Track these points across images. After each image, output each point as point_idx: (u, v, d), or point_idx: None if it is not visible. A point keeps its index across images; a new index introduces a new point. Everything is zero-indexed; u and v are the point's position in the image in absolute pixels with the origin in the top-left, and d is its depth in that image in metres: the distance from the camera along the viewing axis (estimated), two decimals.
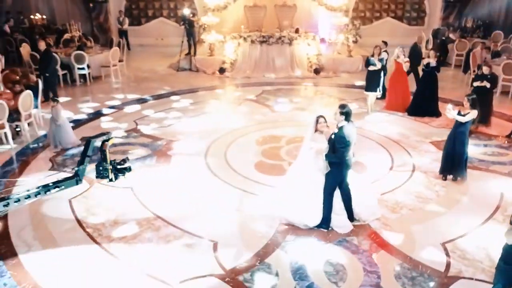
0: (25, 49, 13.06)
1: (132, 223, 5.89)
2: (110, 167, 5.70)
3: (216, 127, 9.34)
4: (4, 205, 4.88)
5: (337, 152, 5.33)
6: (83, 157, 5.54)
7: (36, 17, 16.36)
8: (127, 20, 17.73)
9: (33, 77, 9.65)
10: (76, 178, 5.41)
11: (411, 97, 10.17)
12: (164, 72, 14.48)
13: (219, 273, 4.93)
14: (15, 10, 17.81)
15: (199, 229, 5.72)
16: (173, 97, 11.61)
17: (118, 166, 5.82)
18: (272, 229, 5.73)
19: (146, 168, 7.49)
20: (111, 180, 5.80)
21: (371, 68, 9.65)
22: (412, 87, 10.59)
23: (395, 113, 10.18)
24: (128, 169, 5.91)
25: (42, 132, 9.07)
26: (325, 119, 5.70)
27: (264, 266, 5.05)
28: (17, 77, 9.20)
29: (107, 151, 5.66)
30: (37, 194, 5.22)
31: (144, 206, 6.31)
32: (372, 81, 9.75)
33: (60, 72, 12.40)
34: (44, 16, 16.78)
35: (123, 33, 17.84)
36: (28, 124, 8.89)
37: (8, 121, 8.21)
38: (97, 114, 10.31)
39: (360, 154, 7.79)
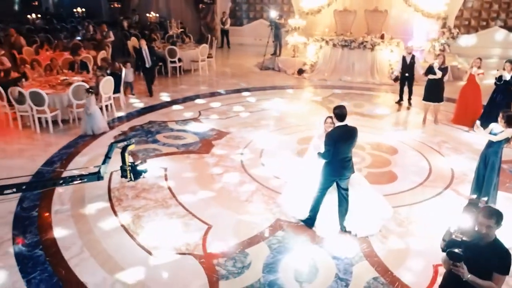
0: (131, 43, 14.56)
1: (150, 198, 6.37)
2: (129, 168, 6.30)
3: (267, 123, 9.48)
4: (28, 189, 5.72)
5: (323, 151, 5.18)
6: (105, 158, 6.21)
7: (150, 15, 18.06)
8: (229, 21, 18.63)
9: (118, 66, 10.77)
10: (98, 174, 6.09)
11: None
12: (248, 69, 14.96)
13: (199, 253, 5.14)
14: (140, 9, 19.92)
15: (203, 212, 5.98)
16: (245, 93, 11.99)
17: (138, 168, 6.41)
18: (267, 222, 5.76)
19: (185, 154, 7.95)
20: (130, 179, 6.40)
21: (430, 76, 8.87)
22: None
23: (460, 127, 9.22)
24: (145, 170, 6.49)
25: (119, 114, 10.16)
26: (332, 119, 5.52)
27: (241, 255, 5.12)
28: (105, 65, 10.39)
29: (126, 155, 6.29)
30: (63, 182, 6.01)
31: (165, 185, 6.76)
32: (431, 90, 8.96)
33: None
34: (157, 15, 18.44)
35: (224, 32, 18.84)
36: (107, 106, 10.00)
37: None
38: (171, 103, 11.13)
39: (397, 164, 7.38)
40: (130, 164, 6.44)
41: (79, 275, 4.78)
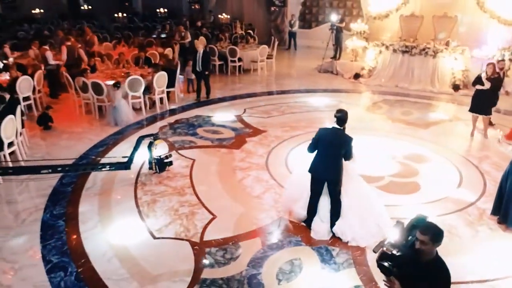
0: (198, 42, 15.14)
1: (170, 185, 6.70)
2: (154, 161, 6.76)
3: (306, 124, 9.38)
4: (60, 171, 6.32)
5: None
6: (134, 150, 6.67)
7: (222, 16, 18.65)
8: (297, 23, 18.62)
9: (175, 63, 11.32)
10: (125, 164, 6.57)
11: None
12: (307, 72, 14.85)
13: (195, 241, 5.32)
14: (216, 10, 20.70)
15: (213, 203, 6.16)
16: (295, 94, 11.96)
17: (165, 160, 6.91)
18: (270, 219, 5.77)
19: (217, 148, 8.19)
20: (156, 171, 6.82)
21: (478, 87, 8.14)
22: None
23: None
24: (169, 163, 6.97)
25: (172, 107, 10.72)
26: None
27: (233, 247, 5.20)
28: (162, 61, 11.02)
29: (152, 149, 6.69)
30: (93, 168, 6.57)
31: (188, 175, 7.04)
32: (478, 101, 8.22)
33: (217, 63, 14.11)
34: (228, 16, 18.98)
35: (292, 35, 18.87)
36: (161, 99, 10.59)
37: (143, 93, 10.02)
38: (222, 99, 11.47)
39: (424, 175, 6.95)
40: (156, 157, 6.86)
41: (85, 246, 5.21)
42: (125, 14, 21.04)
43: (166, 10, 21.19)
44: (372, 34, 14.72)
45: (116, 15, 20.82)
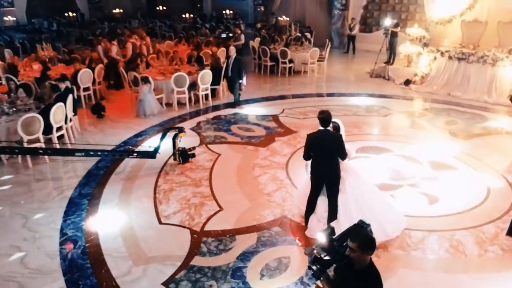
0: (253, 43, 15.36)
1: (190, 177, 6.95)
2: (178, 152, 7.08)
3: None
4: (91, 155, 6.83)
5: None
6: (160, 141, 7.03)
7: (281, 19, 18.69)
8: (357, 27, 18.12)
9: (222, 62, 11.58)
10: (152, 153, 6.99)
11: None
12: (358, 76, 14.42)
13: (195, 230, 5.50)
14: (279, 12, 20.80)
15: (223, 196, 6.30)
16: (339, 97, 11.69)
17: (189, 153, 7.24)
18: (272, 216, 5.79)
19: (245, 145, 8.31)
20: (180, 162, 7.16)
21: None
22: None
23: None
24: (192, 155, 7.27)
25: (215, 103, 11.03)
26: (335, 124, 5.28)
27: (229, 239, 5.31)
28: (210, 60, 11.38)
29: (176, 141, 7.02)
30: (121, 155, 7.02)
31: (209, 168, 7.25)
32: None
33: (268, 63, 14.24)
34: (288, 18, 18.96)
35: (351, 38, 18.40)
36: (206, 95, 10.94)
37: (188, 89, 10.43)
38: (265, 98, 11.55)
39: (448, 187, 6.52)
40: (179, 149, 7.16)
41: (98, 224, 5.62)
42: (192, 15, 21.90)
43: (231, 12, 21.71)
44: (433, 39, 13.90)
45: (184, 15, 21.78)
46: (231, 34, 16.45)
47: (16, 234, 5.41)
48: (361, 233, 2.83)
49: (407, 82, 12.83)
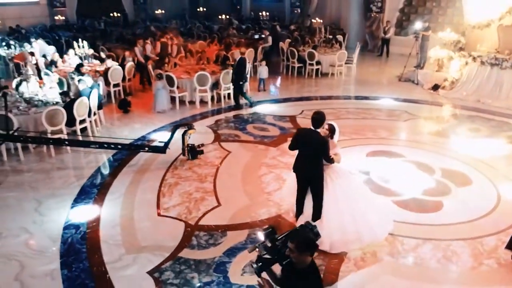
0: (282, 45, 15.27)
1: (196, 172, 7.08)
2: (187, 148, 7.25)
3: (353, 131, 8.99)
4: (105, 147, 7.12)
5: None
6: (170, 137, 7.19)
7: (315, 21, 18.47)
8: (391, 30, 17.62)
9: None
10: (161, 148, 7.21)
11: None
12: (386, 79, 14.01)
13: (191, 223, 5.60)
14: (315, 15, 20.58)
15: (224, 192, 6.38)
16: (362, 100, 11.44)
17: (198, 149, 7.40)
18: (267, 215, 5.79)
19: (256, 144, 8.33)
20: (189, 158, 7.32)
21: None
22: None
23: None
24: (201, 152, 7.42)
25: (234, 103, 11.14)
26: (331, 126, 5.19)
27: (220, 234, 5.37)
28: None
29: (185, 137, 7.18)
30: (134, 148, 7.27)
31: (218, 166, 7.34)
32: None
33: (296, 65, 14.17)
34: (321, 20, 18.70)
35: (385, 41, 17.92)
36: (229, 94, 11.07)
37: (211, 88, 10.61)
38: (287, 99, 11.50)
39: (455, 196, 6.25)
40: (189, 145, 7.31)
41: (102, 212, 5.86)
42: (227, 16, 22.17)
43: (268, 13, 21.76)
44: (469, 44, 13.27)
45: (220, 17, 22.11)
46: (263, 36, 16.49)
47: (27, 217, 5.75)
48: (300, 234, 2.80)
49: (435, 87, 12.33)
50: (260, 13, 22.31)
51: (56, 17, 21.39)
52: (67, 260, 4.87)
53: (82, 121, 8.28)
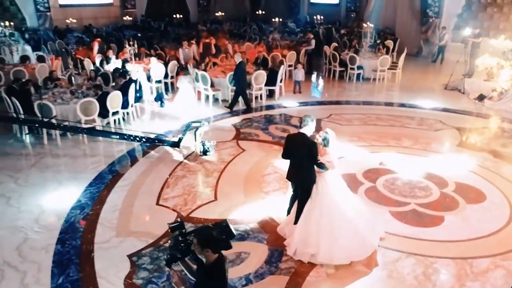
0: (328, 48, 14.95)
1: (205, 167, 7.26)
2: (199, 145, 7.47)
3: (373, 138, 8.61)
4: (124, 138, 7.48)
5: None
6: (184, 132, 7.51)
7: (366, 25, 17.80)
8: (446, 36, 16.52)
9: (278, 64, 11.57)
10: (175, 143, 7.48)
11: None
12: (431, 87, 13.12)
13: (182, 214, 5.77)
14: (370, 19, 19.90)
15: (225, 188, 6.48)
16: (397, 107, 10.89)
17: (209, 146, 7.61)
18: (257, 215, 5.78)
19: (272, 144, 8.31)
20: (200, 154, 7.51)
21: None
22: None
23: None
24: (211, 149, 7.60)
25: (268, 103, 11.16)
26: (324, 133, 5.03)
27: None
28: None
29: (197, 134, 7.34)
30: (151, 142, 7.56)
31: (227, 162, 7.45)
32: None
33: (337, 69, 13.83)
34: (372, 25, 17.96)
35: (440, 48, 16.86)
36: (261, 95, 11.14)
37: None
38: (320, 103, 11.25)
39: (462, 212, 5.82)
40: (200, 141, 7.50)
41: (109, 197, 6.23)
42: (280, 19, 22.15)
43: (322, 17, 21.41)
44: None
45: (273, 19, 22.18)
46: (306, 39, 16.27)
47: (45, 195, 6.30)
48: (203, 231, 2.81)
49: (481, 97, 11.36)
50: (315, 17, 21.99)
51: (124, 18, 22.80)
52: (64, 237, 5.27)
53: (115, 113, 8.82)
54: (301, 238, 4.80)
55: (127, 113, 9.42)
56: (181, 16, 23.93)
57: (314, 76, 11.87)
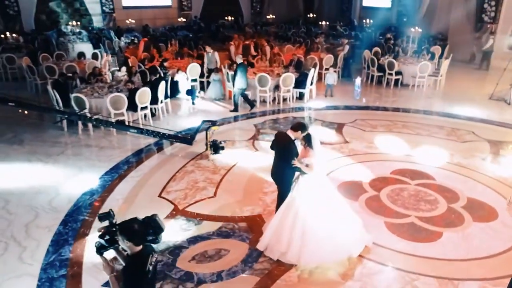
0: (364, 53, 14.37)
1: (215, 164, 7.34)
2: (210, 143, 7.52)
3: (389, 145, 8.19)
4: (141, 133, 7.86)
5: None
6: (196, 131, 7.63)
7: (413, 29, 16.88)
8: (491, 41, 15.28)
9: (308, 67, 11.36)
10: (188, 141, 7.65)
11: None
12: (473, 96, 12.10)
13: (179, 207, 5.90)
14: (422, 23, 18.90)
15: (227, 186, 6.53)
16: (429, 116, 10.23)
17: (220, 145, 7.64)
18: (248, 212, 5.77)
19: None
20: (211, 153, 7.60)
21: None
22: None
23: None
24: (222, 148, 7.61)
25: (295, 105, 11.02)
26: (307, 134, 4.88)
27: (195, 222, 5.57)
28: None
29: (208, 133, 7.45)
30: (165, 138, 7.75)
31: (237, 161, 7.48)
32: None
33: (375, 74, 13.31)
34: (420, 30, 17.00)
35: (486, 54, 15.63)
36: (290, 97, 11.05)
37: (270, 89, 10.73)
38: (348, 107, 10.93)
39: (466, 229, 5.45)
40: (211, 140, 7.60)
41: (118, 186, 6.53)
42: (327, 23, 21.69)
43: (371, 21, 20.64)
44: None
45: (320, 23, 21.78)
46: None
47: (64, 180, 6.75)
48: (126, 223, 2.85)
49: None
50: (364, 20, 21.31)
51: (179, 19, 23.64)
52: (68, 219, 5.62)
53: (143, 108, 9.21)
54: (274, 234, 4.74)
55: (156, 109, 9.76)
56: (232, 18, 24.30)
57: (357, 80, 11.60)
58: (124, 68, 11.43)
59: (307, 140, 4.88)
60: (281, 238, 4.66)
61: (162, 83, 9.69)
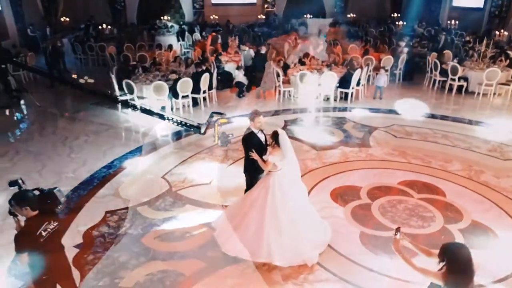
0: (434, 56, 13.01)
1: (226, 154, 7.45)
2: (218, 135, 7.63)
3: (421, 155, 7.37)
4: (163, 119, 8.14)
5: None
6: (208, 122, 7.77)
7: (498, 32, 14.70)
8: None
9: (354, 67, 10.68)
10: (199, 130, 7.82)
11: None
12: None
13: (174, 190, 6.15)
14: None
15: (228, 175, 6.61)
16: (473, 126, 8.98)
17: (228, 138, 7.67)
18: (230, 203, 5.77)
19: (304, 144, 7.94)
20: (220, 144, 7.67)
21: None
22: None
23: None
24: (229, 141, 7.67)
25: (339, 105, 10.54)
26: (275, 131, 4.78)
27: (180, 204, 5.77)
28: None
29: (216, 125, 7.50)
30: (180, 125, 8.00)
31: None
32: None
33: (438, 78, 12.02)
34: (506, 33, 14.71)
35: None
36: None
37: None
38: (391, 111, 10.07)
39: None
40: (220, 132, 7.69)
41: (133, 164, 7.03)
42: (404, 23, 19.93)
43: (457, 22, 18.46)
44: None
45: (397, 23, 20.12)
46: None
47: (94, 154, 7.46)
48: (21, 192, 3.09)
49: None
50: (448, 21, 19.15)
51: (258, 16, 23.96)
52: (80, 187, 6.26)
53: (184, 97, 9.69)
54: (226, 218, 4.75)
55: (199, 99, 10.10)
56: (311, 16, 23.81)
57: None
58: (187, 59, 12.08)
59: (275, 138, 4.74)
60: (228, 226, 4.68)
61: (206, 75, 10.04)
